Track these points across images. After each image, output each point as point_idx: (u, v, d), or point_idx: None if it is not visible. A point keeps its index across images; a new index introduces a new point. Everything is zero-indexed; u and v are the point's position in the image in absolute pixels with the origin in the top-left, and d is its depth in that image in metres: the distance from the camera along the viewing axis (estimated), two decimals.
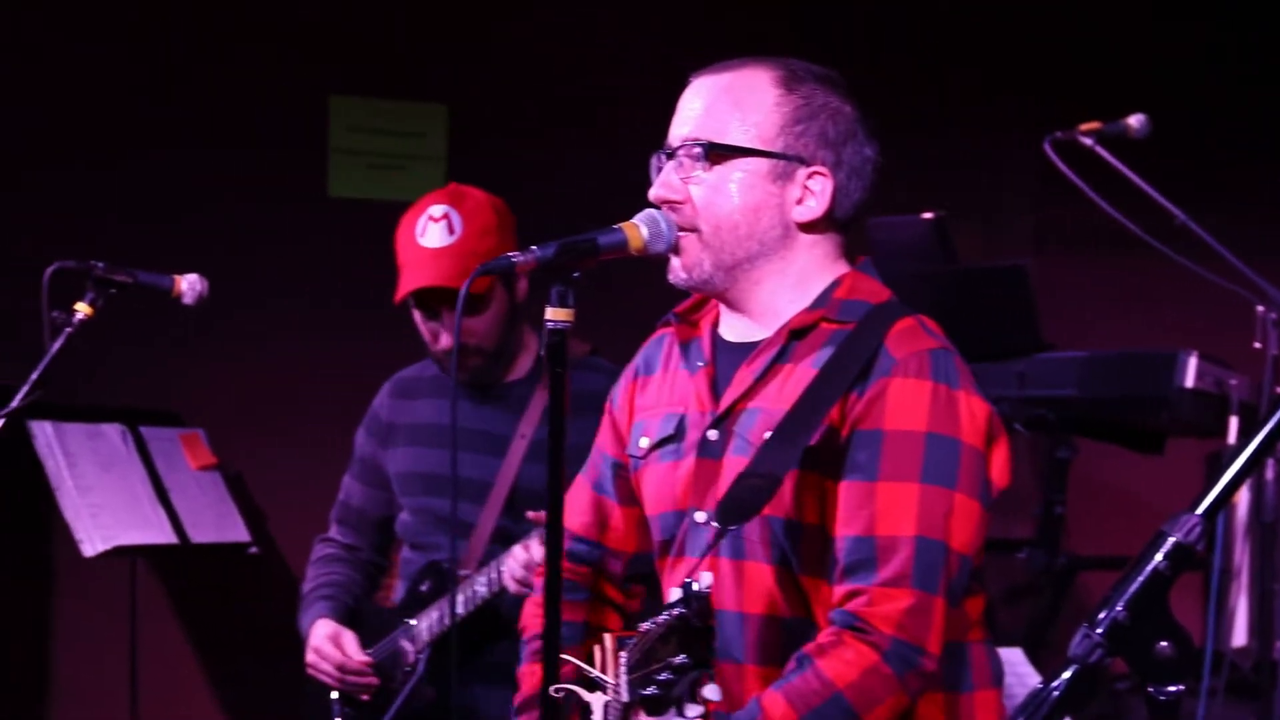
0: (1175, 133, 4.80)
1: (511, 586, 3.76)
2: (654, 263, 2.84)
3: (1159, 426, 5.17)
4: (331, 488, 4.37)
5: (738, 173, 2.78)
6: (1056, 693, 1.93)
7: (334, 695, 4.14)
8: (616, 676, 2.49)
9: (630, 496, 3.00)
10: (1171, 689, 1.92)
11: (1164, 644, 1.92)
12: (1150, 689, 1.93)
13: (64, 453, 5.23)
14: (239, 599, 5.84)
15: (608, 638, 2.65)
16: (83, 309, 3.49)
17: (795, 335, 2.79)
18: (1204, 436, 5.04)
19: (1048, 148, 4.47)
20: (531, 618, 3.11)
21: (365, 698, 4.07)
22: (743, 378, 2.81)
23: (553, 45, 6.15)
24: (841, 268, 2.85)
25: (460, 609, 3.86)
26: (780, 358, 2.79)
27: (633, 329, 3.20)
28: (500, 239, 3.97)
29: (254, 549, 5.52)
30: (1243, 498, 4.74)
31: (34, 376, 3.41)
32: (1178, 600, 1.96)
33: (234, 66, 5.83)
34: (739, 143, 2.78)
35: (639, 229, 2.72)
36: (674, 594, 2.37)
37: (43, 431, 5.22)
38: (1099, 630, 1.92)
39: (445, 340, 3.97)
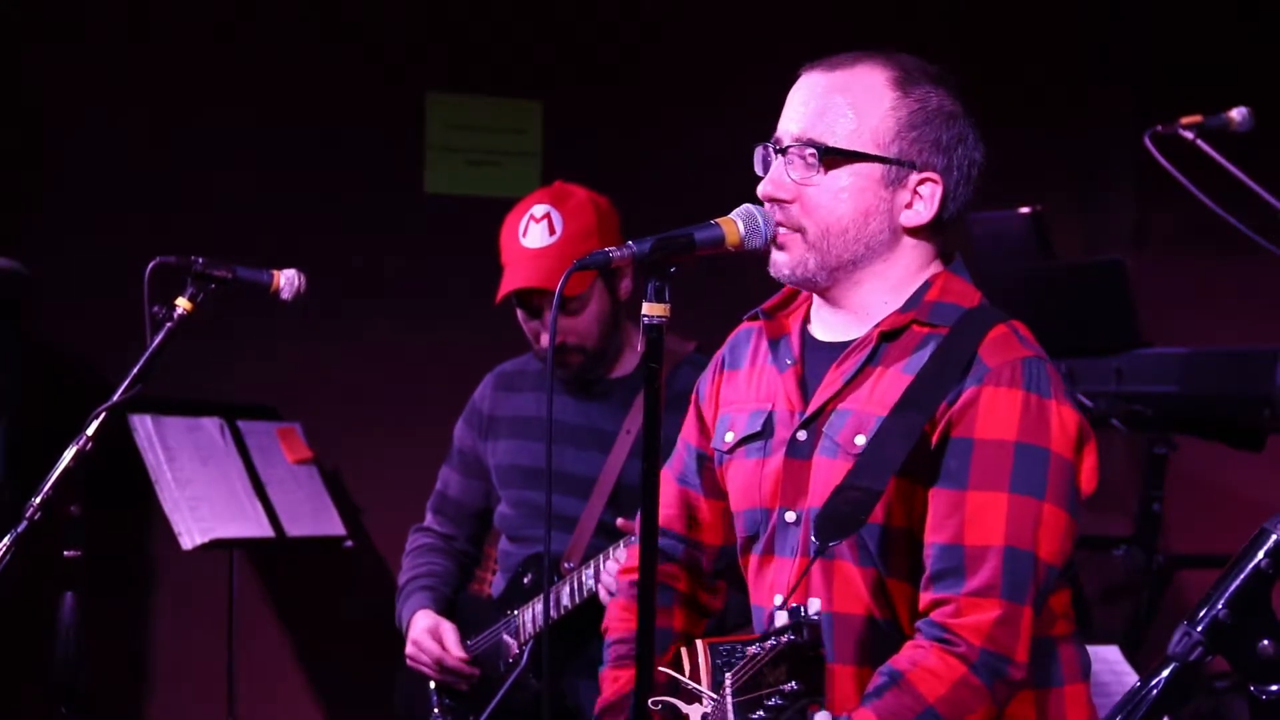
0: (1278, 126, 4.74)
1: (606, 598, 3.77)
2: (753, 260, 2.83)
3: (1259, 424, 5.11)
4: (427, 483, 4.38)
5: (850, 177, 2.77)
6: (1155, 691, 1.92)
7: (432, 685, 4.16)
8: (716, 689, 2.50)
9: (716, 489, 3.00)
10: (1274, 688, 1.90)
11: (1266, 643, 1.90)
12: (1252, 688, 1.91)
13: (163, 446, 5.28)
14: (334, 593, 5.88)
15: (700, 645, 2.65)
16: (183, 304, 3.51)
17: (886, 337, 2.78)
18: None
19: (1148, 142, 4.43)
20: (615, 620, 3.11)
21: (464, 688, 4.09)
22: (833, 379, 2.80)
23: (647, 40, 6.15)
24: (936, 268, 2.84)
25: (566, 601, 3.87)
26: (871, 360, 2.78)
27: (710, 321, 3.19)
28: (602, 239, 3.97)
29: (349, 543, 5.55)
30: None
31: (134, 371, 3.43)
32: None
33: (332, 64, 5.87)
34: (854, 147, 2.76)
35: (736, 224, 2.71)
36: (780, 617, 2.36)
37: (143, 425, 5.27)
38: (1199, 628, 1.90)
39: (547, 339, 3.98)
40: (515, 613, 4.04)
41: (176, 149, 5.71)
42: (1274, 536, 1.90)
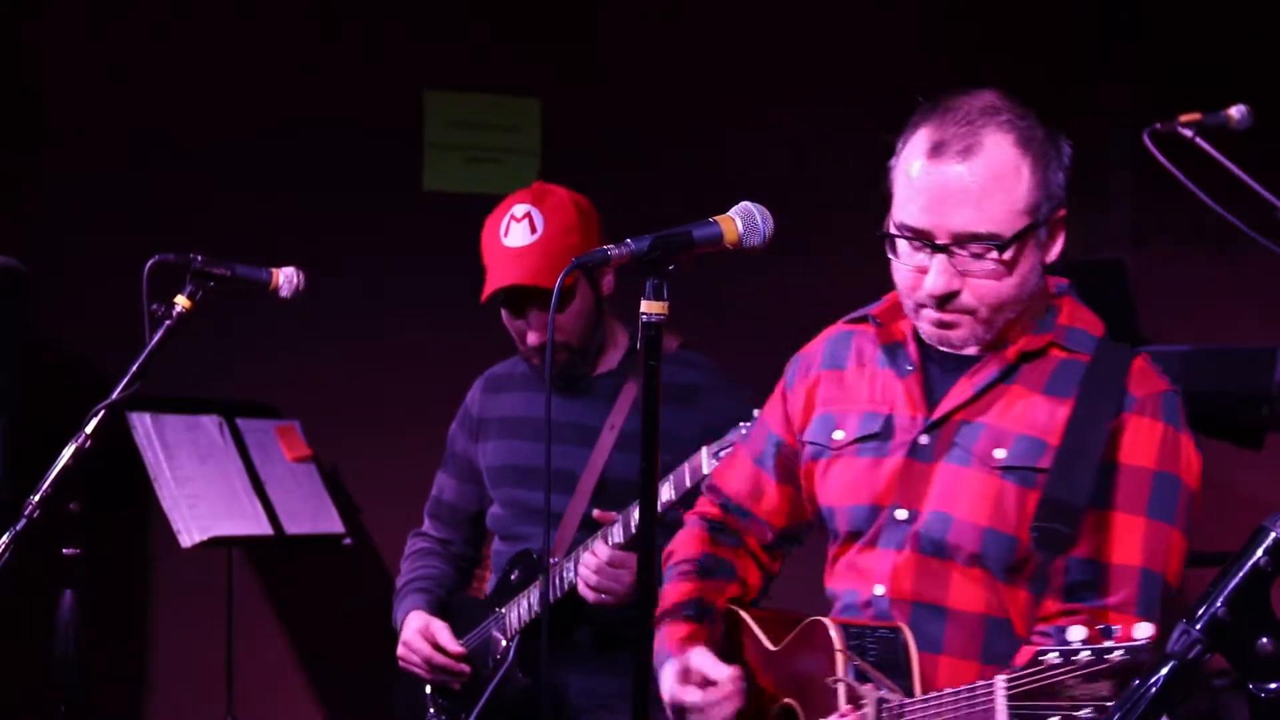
0: (1277, 123, 4.74)
1: (589, 595, 3.78)
2: (742, 257, 2.84)
3: (1258, 421, 5.10)
4: (426, 481, 4.38)
5: (1017, 254, 2.83)
6: (1154, 690, 1.91)
7: (428, 689, 4.18)
8: (860, 675, 2.71)
9: (788, 476, 3.12)
10: (1273, 686, 1.90)
11: (1265, 641, 1.90)
12: (1251, 686, 1.91)
13: (162, 444, 5.28)
14: (333, 590, 5.88)
15: (832, 628, 2.78)
16: (181, 302, 3.51)
17: (1025, 357, 2.88)
18: None
19: (1147, 139, 4.43)
20: (682, 545, 3.23)
21: (456, 687, 4.10)
22: (962, 389, 2.89)
23: (646, 38, 6.15)
24: (1049, 286, 2.96)
25: (550, 597, 3.89)
26: (1005, 377, 2.88)
27: (717, 322, 3.19)
28: (583, 236, 3.98)
29: (348, 541, 5.55)
30: None
31: (133, 369, 3.43)
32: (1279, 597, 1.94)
33: (330, 61, 5.87)
34: (1018, 227, 2.81)
35: (734, 222, 2.72)
36: (1075, 633, 2.37)
37: (142, 423, 5.27)
38: (1198, 626, 1.90)
39: (533, 337, 3.98)
40: (503, 610, 4.06)
41: (175, 147, 5.71)
42: (1273, 534, 1.90)
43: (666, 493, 3.62)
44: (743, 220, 2.73)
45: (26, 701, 5.40)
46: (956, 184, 2.81)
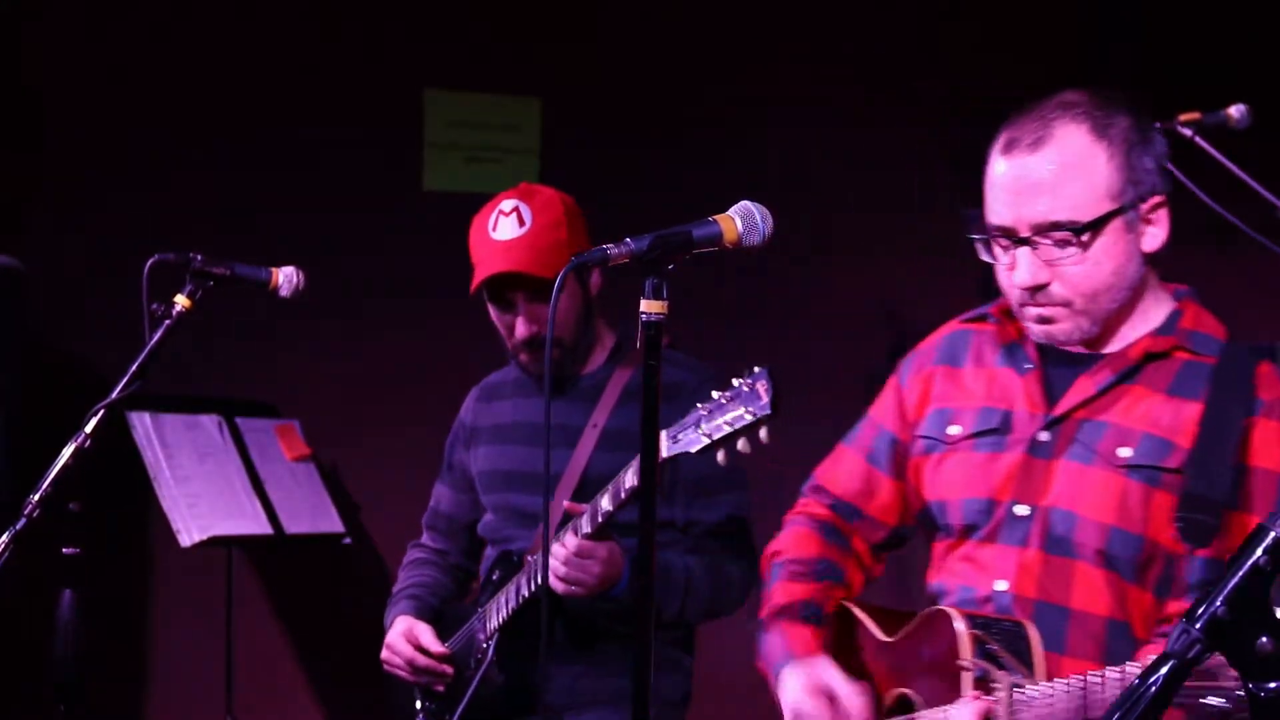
0: (1277, 123, 4.74)
1: (558, 587, 3.76)
2: (741, 257, 2.84)
3: None
4: (425, 480, 4.39)
5: (1100, 241, 2.86)
6: (1153, 689, 1.91)
7: (417, 693, 4.19)
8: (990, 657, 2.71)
9: (901, 472, 3.14)
10: (1272, 686, 1.90)
11: (1265, 640, 1.90)
12: (1251, 686, 1.90)
13: (162, 443, 5.28)
14: (332, 590, 5.88)
15: (956, 617, 2.78)
16: (181, 301, 3.51)
17: (1151, 358, 2.90)
18: None
19: None
20: (791, 544, 3.22)
21: (440, 689, 4.10)
22: (1083, 386, 2.92)
23: (646, 37, 6.15)
24: (1167, 289, 3.00)
25: (524, 591, 3.89)
26: (1127, 377, 2.90)
27: (716, 322, 3.19)
28: (571, 232, 4.00)
29: (347, 540, 5.55)
30: None
31: (133, 368, 3.44)
32: None
33: (330, 60, 5.87)
34: (1097, 213, 2.84)
35: (734, 222, 2.71)
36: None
37: (141, 422, 5.27)
38: (1197, 626, 1.90)
39: (521, 328, 3.99)
40: (484, 610, 4.06)
41: (175, 146, 5.71)
42: (1273, 534, 1.90)
43: (631, 479, 3.61)
44: (742, 219, 2.72)
45: (26, 701, 5.41)
46: (1030, 175, 2.86)
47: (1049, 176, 2.85)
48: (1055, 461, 2.90)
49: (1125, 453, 2.84)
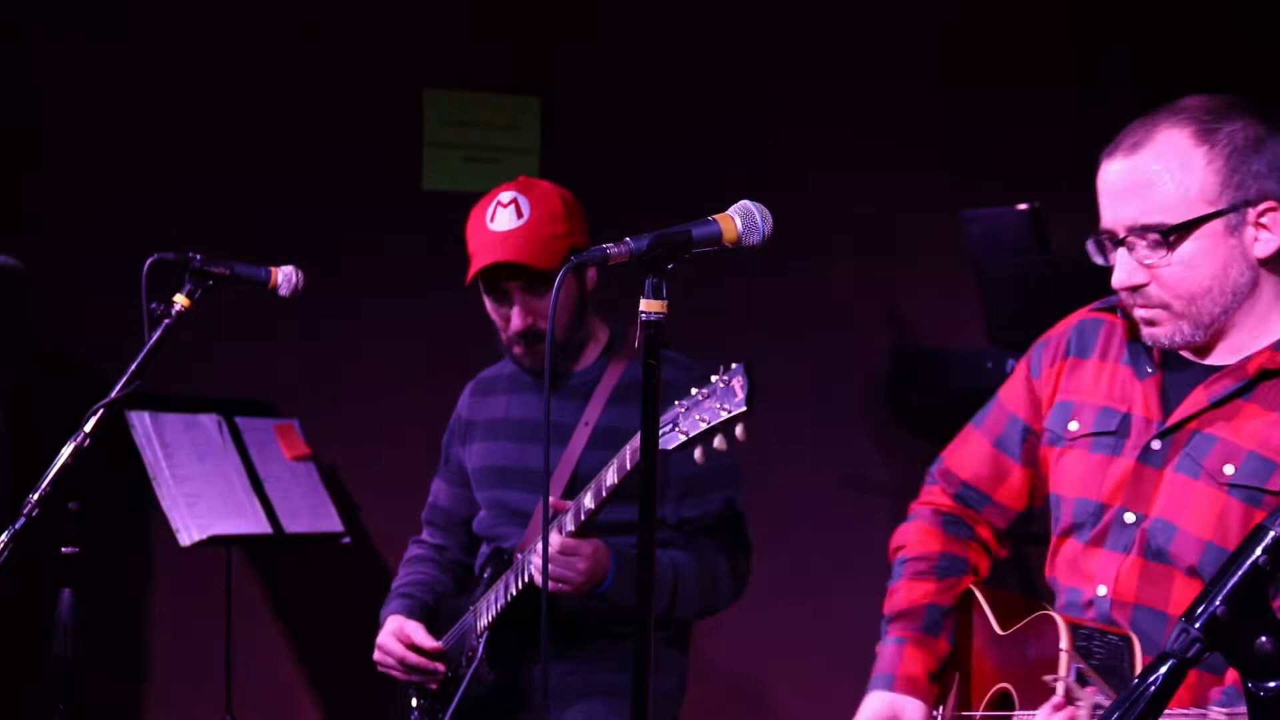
0: (1276, 123, 4.74)
1: (538, 578, 3.76)
2: (741, 256, 2.84)
3: None
4: (425, 479, 4.39)
5: (1195, 243, 2.85)
6: (1153, 688, 1.91)
7: (412, 693, 4.19)
8: (1081, 677, 2.73)
9: (1031, 459, 3.15)
10: (1272, 685, 1.90)
11: (1264, 639, 1.90)
12: (1250, 685, 1.90)
13: (161, 443, 5.28)
14: (332, 589, 5.88)
15: (1061, 626, 2.80)
16: (180, 300, 3.51)
17: (1265, 375, 2.88)
18: None
19: None
20: (914, 539, 3.24)
21: (433, 687, 4.10)
22: (1198, 399, 2.90)
23: (646, 35, 6.15)
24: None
25: (513, 589, 3.89)
26: (1243, 392, 2.88)
27: (717, 322, 3.19)
28: (569, 225, 3.99)
29: (347, 539, 5.55)
30: None
31: (132, 367, 3.44)
32: None
33: (329, 60, 5.86)
34: (1189, 216, 2.84)
35: (734, 221, 2.71)
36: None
37: (140, 422, 5.27)
38: (1197, 625, 1.90)
39: (517, 321, 3.98)
40: (475, 608, 4.07)
41: (174, 146, 5.70)
42: (1272, 533, 1.90)
43: (611, 477, 3.60)
44: (742, 219, 2.72)
45: (26, 700, 5.41)
46: (1125, 177, 2.88)
47: (1141, 179, 2.86)
48: (1164, 471, 2.90)
49: (1229, 470, 2.84)
